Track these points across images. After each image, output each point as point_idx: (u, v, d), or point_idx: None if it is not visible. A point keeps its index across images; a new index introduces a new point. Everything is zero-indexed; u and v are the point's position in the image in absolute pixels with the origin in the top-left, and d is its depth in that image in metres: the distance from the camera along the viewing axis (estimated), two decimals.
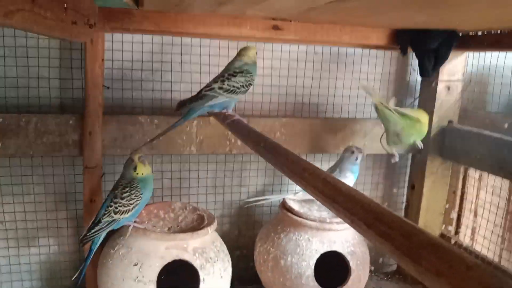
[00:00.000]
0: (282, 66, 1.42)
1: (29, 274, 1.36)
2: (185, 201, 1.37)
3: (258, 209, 1.51)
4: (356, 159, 1.28)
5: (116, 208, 1.08)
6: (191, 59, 1.33)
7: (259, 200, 1.39)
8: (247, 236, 1.48)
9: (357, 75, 1.49)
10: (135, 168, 1.09)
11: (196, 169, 1.41)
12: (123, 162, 1.28)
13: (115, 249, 1.13)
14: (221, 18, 1.18)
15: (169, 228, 1.25)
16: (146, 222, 1.17)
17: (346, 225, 1.21)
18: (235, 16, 1.20)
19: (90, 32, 1.09)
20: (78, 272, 1.10)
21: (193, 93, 1.08)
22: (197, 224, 1.24)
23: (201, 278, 1.10)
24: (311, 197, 1.31)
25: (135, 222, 1.13)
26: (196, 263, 1.11)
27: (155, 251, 1.09)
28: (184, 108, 1.06)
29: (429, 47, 1.27)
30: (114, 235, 1.16)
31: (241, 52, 1.10)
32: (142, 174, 1.10)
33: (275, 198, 1.40)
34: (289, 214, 1.27)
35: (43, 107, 1.24)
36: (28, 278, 1.36)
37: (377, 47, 1.41)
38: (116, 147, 1.23)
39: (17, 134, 1.15)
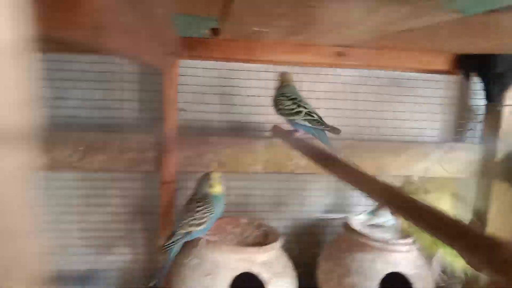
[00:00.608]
0: (342, 90, 1.47)
1: (105, 281, 1.46)
2: (251, 217, 1.44)
3: (319, 229, 1.55)
4: None
5: (191, 221, 1.16)
6: (256, 84, 1.41)
7: (328, 217, 1.44)
8: (309, 254, 1.52)
9: (419, 99, 1.51)
10: (210, 186, 1.18)
11: (261, 187, 1.48)
12: (194, 179, 1.38)
13: (188, 259, 1.21)
14: (288, 45, 1.27)
15: (236, 242, 1.33)
16: (216, 235, 1.25)
17: (411, 247, 1.24)
18: (301, 43, 1.28)
19: (171, 60, 1.21)
20: (156, 280, 1.19)
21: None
22: (263, 240, 1.30)
23: None
24: (376, 219, 1.36)
25: (207, 235, 1.20)
26: (264, 276, 1.16)
27: (227, 263, 1.16)
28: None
29: (495, 72, 1.28)
30: (188, 246, 1.24)
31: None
32: (216, 192, 1.19)
33: (338, 216, 1.44)
34: (353, 234, 1.30)
35: (124, 126, 1.36)
36: (103, 284, 1.47)
37: (439, 71, 1.43)
38: (188, 165, 1.33)
39: (103, 151, 1.28)
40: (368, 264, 1.25)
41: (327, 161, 0.86)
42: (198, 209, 1.17)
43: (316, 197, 1.53)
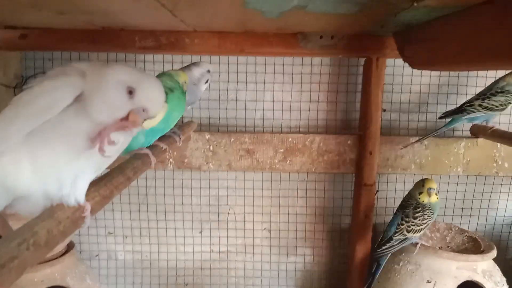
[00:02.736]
0: None
1: (286, 281, 1.47)
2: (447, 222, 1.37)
3: (504, 234, 1.46)
4: None
5: (409, 227, 1.13)
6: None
7: None
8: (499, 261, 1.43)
9: None
10: (429, 194, 1.13)
11: (447, 189, 1.41)
12: (394, 180, 1.34)
13: (400, 265, 1.17)
14: None
15: (440, 247, 1.28)
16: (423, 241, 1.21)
17: None
18: None
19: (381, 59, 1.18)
20: (366, 286, 1.18)
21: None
22: (472, 246, 1.23)
23: None
24: None
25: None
26: (487, 285, 1.10)
27: (448, 271, 1.11)
28: (447, 118, 1.22)
29: None
30: (397, 251, 1.21)
31: (506, 75, 1.19)
32: (434, 200, 1.14)
33: None
34: None
35: (316, 129, 1.35)
36: (284, 284, 1.48)
37: None
38: (388, 166, 1.29)
39: (302, 152, 1.28)
40: None
41: None
42: (417, 215, 1.13)
43: (505, 201, 1.44)
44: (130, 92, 0.47)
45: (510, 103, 1.18)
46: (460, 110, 1.20)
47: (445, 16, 0.70)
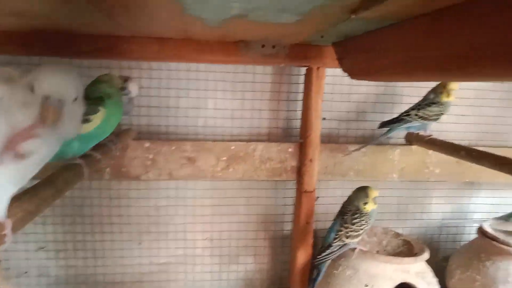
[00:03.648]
0: (470, 96, 1.45)
1: None
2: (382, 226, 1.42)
3: (436, 237, 1.54)
4: None
5: (347, 233, 1.16)
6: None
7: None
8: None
9: None
10: (365, 204, 1.16)
11: (390, 194, 1.47)
12: (333, 187, 1.37)
13: (339, 270, 1.20)
14: None
15: (377, 251, 1.32)
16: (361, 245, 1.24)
17: None
18: None
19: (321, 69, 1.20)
20: None
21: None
22: (406, 249, 1.29)
23: None
24: (507, 226, 1.34)
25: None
26: (420, 286, 1.15)
27: (384, 273, 1.15)
28: (385, 127, 1.28)
29: None
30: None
31: (436, 87, 1.27)
32: (372, 207, 1.17)
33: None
34: (494, 242, 1.29)
35: (258, 136, 1.36)
36: None
37: None
38: (328, 173, 1.32)
39: (245, 160, 1.27)
40: None
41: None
42: (355, 221, 1.16)
43: (437, 204, 1.52)
44: (32, 88, 0.44)
45: (443, 113, 1.26)
46: (398, 120, 1.26)
47: (382, 28, 0.72)
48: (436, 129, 1.42)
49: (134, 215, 1.35)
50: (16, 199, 0.49)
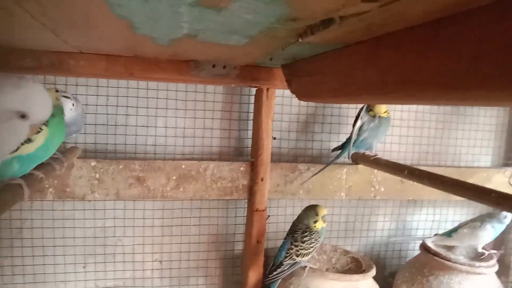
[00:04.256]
0: (410, 118, 1.53)
1: None
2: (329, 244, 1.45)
3: (382, 253, 1.59)
4: (505, 217, 1.35)
5: (298, 251, 1.17)
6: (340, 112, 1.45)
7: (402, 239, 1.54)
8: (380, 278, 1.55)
9: (475, 126, 1.60)
10: (315, 222, 1.19)
11: (339, 212, 1.50)
12: (283, 205, 1.39)
13: None
14: None
15: (326, 269, 1.34)
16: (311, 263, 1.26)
17: (494, 269, 1.31)
18: None
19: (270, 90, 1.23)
20: None
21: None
22: (355, 266, 1.32)
23: None
24: (452, 241, 1.41)
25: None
26: None
27: None
28: (337, 150, 1.34)
29: None
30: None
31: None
32: (322, 226, 1.20)
33: (415, 240, 1.50)
34: (436, 257, 1.35)
35: (210, 155, 1.35)
36: None
37: None
38: (278, 192, 1.33)
39: (196, 179, 1.26)
40: (456, 287, 1.30)
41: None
42: (305, 239, 1.17)
43: (382, 222, 1.57)
44: (23, 116, 0.43)
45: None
46: (347, 142, 1.33)
47: (327, 52, 0.75)
48: (381, 149, 1.49)
49: (79, 237, 1.29)
50: None
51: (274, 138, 1.37)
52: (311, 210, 1.20)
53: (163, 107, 1.29)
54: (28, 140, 0.68)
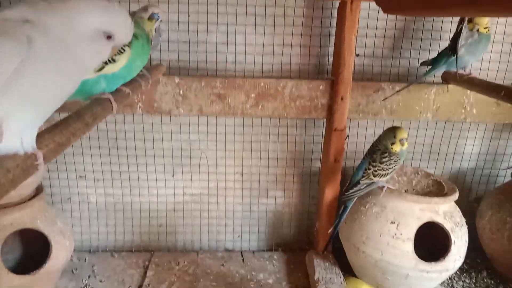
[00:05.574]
0: None
1: (257, 221, 1.52)
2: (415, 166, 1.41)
3: (468, 177, 1.51)
4: None
5: (375, 171, 1.16)
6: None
7: None
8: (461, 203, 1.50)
9: None
10: (393, 144, 1.15)
11: (424, 134, 1.44)
12: (364, 125, 1.36)
13: (367, 207, 1.21)
14: None
15: (405, 190, 1.32)
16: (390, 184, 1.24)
17: None
18: None
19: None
20: (333, 227, 1.22)
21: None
22: (436, 189, 1.28)
23: (452, 240, 1.16)
24: None
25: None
26: (447, 226, 1.16)
27: (411, 212, 1.16)
28: (426, 65, 1.26)
29: None
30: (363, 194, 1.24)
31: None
32: (395, 150, 1.16)
33: None
34: None
35: (288, 73, 1.33)
36: (255, 224, 1.52)
37: None
38: (359, 112, 1.30)
39: (275, 98, 1.26)
40: None
41: None
42: (384, 160, 1.15)
43: (471, 146, 1.48)
44: (109, 37, 0.49)
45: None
46: (439, 57, 1.22)
47: None
48: (476, 68, 1.35)
49: (167, 148, 1.39)
50: (48, 131, 0.52)
51: (357, 55, 1.30)
52: (390, 131, 1.16)
53: (242, 23, 1.27)
54: (112, 60, 0.73)
